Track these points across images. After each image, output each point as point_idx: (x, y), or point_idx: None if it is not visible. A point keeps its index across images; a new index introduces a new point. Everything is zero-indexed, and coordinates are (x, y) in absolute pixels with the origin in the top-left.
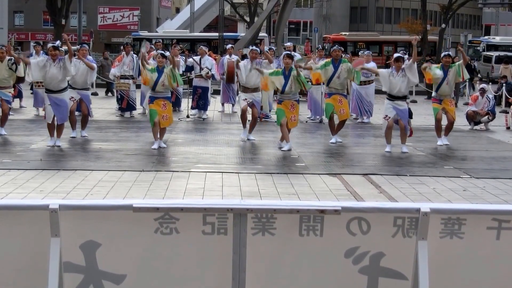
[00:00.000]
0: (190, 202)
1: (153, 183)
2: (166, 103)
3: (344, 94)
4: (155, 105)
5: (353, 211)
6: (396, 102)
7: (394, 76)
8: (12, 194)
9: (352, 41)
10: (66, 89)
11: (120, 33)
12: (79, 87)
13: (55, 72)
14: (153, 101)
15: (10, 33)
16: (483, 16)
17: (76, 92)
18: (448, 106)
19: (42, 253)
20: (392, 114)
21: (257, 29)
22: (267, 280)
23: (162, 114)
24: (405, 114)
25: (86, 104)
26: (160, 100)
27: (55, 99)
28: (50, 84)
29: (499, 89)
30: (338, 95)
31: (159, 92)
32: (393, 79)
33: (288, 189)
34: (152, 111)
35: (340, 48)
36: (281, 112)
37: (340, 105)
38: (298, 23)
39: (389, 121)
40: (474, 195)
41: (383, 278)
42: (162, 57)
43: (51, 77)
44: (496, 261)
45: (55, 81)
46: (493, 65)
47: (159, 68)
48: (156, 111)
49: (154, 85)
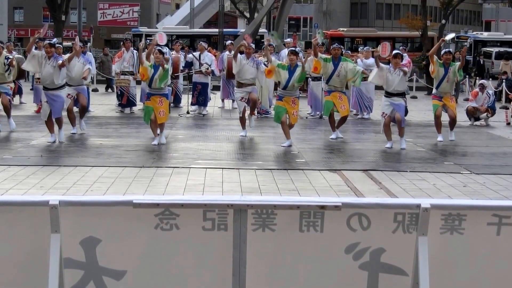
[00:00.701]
0: (190, 198)
1: (153, 179)
2: (162, 99)
3: (344, 91)
4: (151, 102)
5: (353, 207)
6: (393, 98)
7: (391, 73)
8: (12, 190)
9: (350, 37)
10: (63, 86)
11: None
12: (75, 84)
13: (49, 69)
14: (150, 97)
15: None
16: (483, 12)
17: (73, 88)
18: (448, 102)
19: (42, 249)
20: (389, 110)
21: (257, 25)
22: (268, 276)
23: (159, 110)
24: (401, 107)
25: (84, 95)
26: (156, 96)
27: (51, 95)
28: (46, 81)
29: (499, 85)
30: (337, 92)
31: (155, 89)
32: (390, 76)
33: (289, 185)
34: (148, 109)
35: (339, 46)
36: (281, 109)
37: (340, 101)
38: (298, 19)
39: (386, 119)
40: (475, 191)
41: (384, 274)
42: (159, 53)
43: (46, 73)
44: (496, 257)
45: (50, 78)
46: (493, 61)
47: (155, 64)
48: (152, 108)
49: (150, 82)
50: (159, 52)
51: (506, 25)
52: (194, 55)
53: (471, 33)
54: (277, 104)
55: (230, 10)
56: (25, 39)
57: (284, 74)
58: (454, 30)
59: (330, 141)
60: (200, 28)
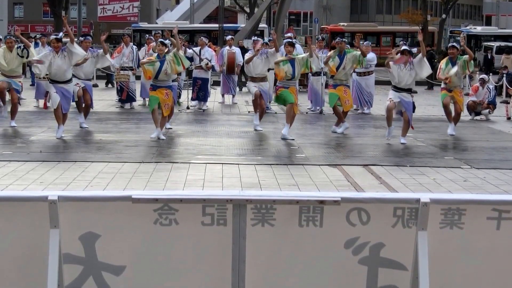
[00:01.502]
0: (189, 193)
1: (153, 174)
2: (168, 92)
3: (348, 85)
4: (157, 93)
5: (352, 201)
6: (401, 93)
7: (402, 69)
8: (12, 186)
9: (350, 31)
10: (71, 80)
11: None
12: (83, 78)
13: (60, 63)
14: (156, 89)
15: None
16: (483, 7)
17: (81, 81)
18: (457, 96)
19: (41, 244)
20: (396, 100)
21: (257, 20)
22: (267, 270)
23: (165, 103)
24: (410, 106)
25: (90, 95)
26: (162, 89)
27: (62, 89)
28: (56, 75)
29: (500, 80)
30: (343, 86)
31: (162, 81)
32: (401, 72)
33: (289, 180)
34: (153, 98)
35: (343, 40)
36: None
37: (346, 95)
38: (298, 14)
39: (391, 103)
40: (475, 186)
41: (383, 269)
42: (162, 45)
43: (57, 68)
44: (496, 251)
45: (61, 71)
46: (494, 55)
47: (160, 57)
48: (157, 98)
49: (157, 74)
50: (161, 44)
51: (507, 19)
52: (194, 50)
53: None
54: (281, 91)
55: (230, 5)
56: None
57: (288, 68)
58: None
59: (331, 135)
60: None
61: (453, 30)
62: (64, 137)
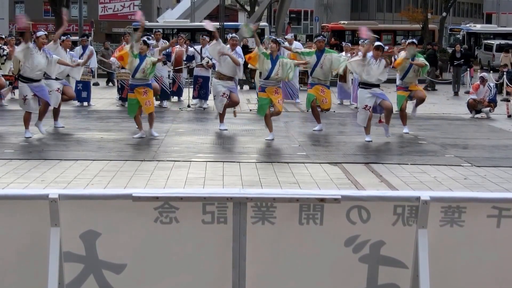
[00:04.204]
0: (189, 191)
1: (154, 172)
2: (146, 89)
3: (327, 85)
4: (135, 94)
5: (353, 199)
6: (373, 89)
7: (372, 64)
8: (13, 184)
9: (351, 30)
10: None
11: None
12: (60, 77)
13: (41, 60)
14: (133, 89)
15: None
16: (484, 5)
17: (59, 82)
18: (414, 87)
19: (42, 243)
20: (372, 102)
21: (257, 19)
22: (267, 268)
23: (144, 101)
24: (385, 95)
25: (69, 86)
26: (140, 87)
27: (35, 89)
28: (33, 71)
29: (500, 78)
30: (320, 85)
31: (139, 80)
32: (372, 66)
33: (289, 178)
34: (132, 102)
35: (323, 39)
36: (264, 101)
37: (323, 94)
38: (299, 12)
39: (370, 112)
40: (475, 184)
41: (383, 267)
42: (144, 44)
43: (37, 64)
44: (496, 249)
45: (38, 68)
46: (494, 53)
47: (141, 55)
48: (136, 101)
49: (134, 72)
50: (144, 43)
51: (507, 17)
52: (196, 49)
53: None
54: (260, 96)
55: (230, 3)
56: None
57: (267, 63)
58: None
59: (331, 134)
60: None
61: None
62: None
